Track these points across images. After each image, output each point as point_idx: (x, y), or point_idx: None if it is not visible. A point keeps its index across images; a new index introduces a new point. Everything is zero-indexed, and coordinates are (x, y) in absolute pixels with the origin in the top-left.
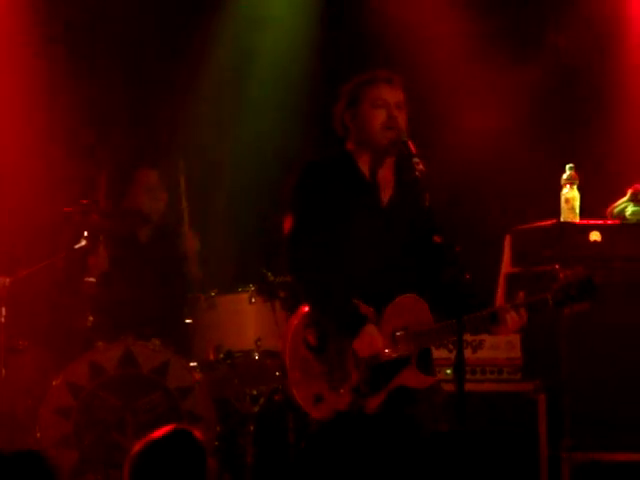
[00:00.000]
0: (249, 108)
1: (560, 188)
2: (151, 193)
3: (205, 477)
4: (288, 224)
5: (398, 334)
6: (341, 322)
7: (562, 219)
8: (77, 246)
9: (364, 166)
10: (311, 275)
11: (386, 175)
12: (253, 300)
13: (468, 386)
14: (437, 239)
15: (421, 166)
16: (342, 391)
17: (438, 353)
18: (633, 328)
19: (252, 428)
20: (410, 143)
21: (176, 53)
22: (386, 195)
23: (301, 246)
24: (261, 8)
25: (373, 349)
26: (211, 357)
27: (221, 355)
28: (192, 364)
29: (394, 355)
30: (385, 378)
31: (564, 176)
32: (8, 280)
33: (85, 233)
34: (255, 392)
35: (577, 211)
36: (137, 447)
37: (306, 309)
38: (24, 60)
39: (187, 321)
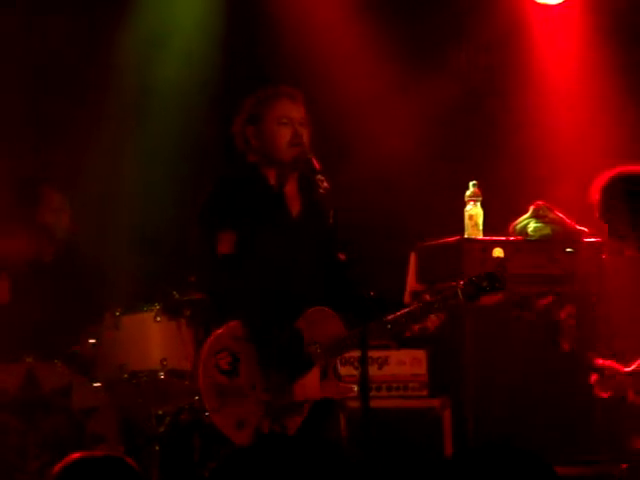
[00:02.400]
0: (155, 126)
1: (464, 205)
2: (54, 213)
3: None
4: (224, 244)
5: (311, 348)
6: (284, 359)
7: (466, 235)
8: None
9: (271, 176)
10: (251, 299)
11: (292, 190)
12: (158, 319)
13: (374, 402)
14: (341, 256)
15: (325, 183)
16: (261, 414)
17: (344, 370)
18: (538, 344)
19: (157, 448)
20: (314, 160)
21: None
22: (295, 209)
23: (239, 264)
24: (160, 27)
25: (316, 391)
26: (116, 377)
27: (125, 375)
28: (96, 385)
29: (308, 369)
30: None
31: (467, 193)
32: None
33: None
34: (160, 412)
35: (480, 227)
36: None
37: (216, 334)
38: None
39: (91, 341)
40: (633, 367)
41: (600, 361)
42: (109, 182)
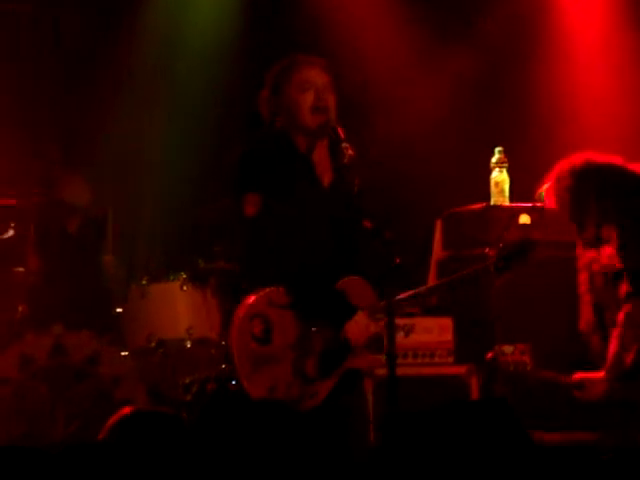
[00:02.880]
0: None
1: (490, 171)
2: (74, 190)
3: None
4: (250, 206)
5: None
6: (329, 309)
7: (492, 202)
8: (5, 236)
9: (300, 146)
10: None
11: (322, 157)
12: (184, 288)
13: (400, 370)
14: (367, 224)
15: (350, 151)
16: (292, 379)
17: None
18: (564, 308)
19: (185, 416)
20: (339, 129)
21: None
22: (326, 177)
23: (267, 227)
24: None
25: (368, 333)
26: (143, 346)
27: (153, 344)
28: (124, 353)
29: (340, 339)
30: (334, 363)
31: (493, 159)
32: None
33: (12, 224)
34: (187, 380)
35: (507, 194)
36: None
37: (250, 300)
38: None
39: (118, 310)
40: (606, 369)
41: (578, 375)
42: (133, 153)
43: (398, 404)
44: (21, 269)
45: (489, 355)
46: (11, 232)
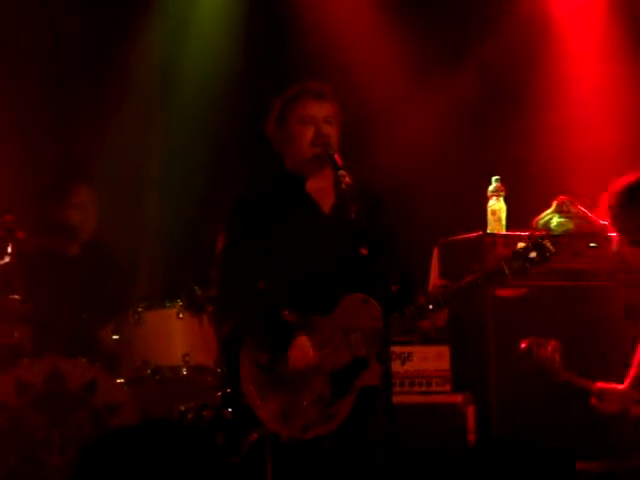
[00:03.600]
0: (177, 122)
1: (486, 200)
2: (81, 209)
3: None
4: (219, 243)
5: (351, 336)
6: (269, 338)
7: (489, 230)
8: (1, 262)
9: (306, 182)
10: (237, 295)
11: (325, 186)
12: (181, 315)
13: (397, 398)
14: (363, 251)
15: (347, 179)
16: (305, 404)
17: None
18: (560, 339)
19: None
20: (336, 156)
21: (102, 68)
22: (327, 204)
23: (231, 264)
24: (185, 23)
25: (307, 361)
26: (139, 373)
27: (149, 371)
28: (119, 381)
29: (350, 358)
30: (347, 382)
31: (490, 188)
32: None
33: (9, 249)
34: (183, 408)
35: (503, 222)
36: None
37: None
38: None
39: (114, 337)
40: (628, 382)
41: (599, 385)
42: (132, 177)
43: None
44: (17, 296)
45: (523, 345)
46: (7, 258)
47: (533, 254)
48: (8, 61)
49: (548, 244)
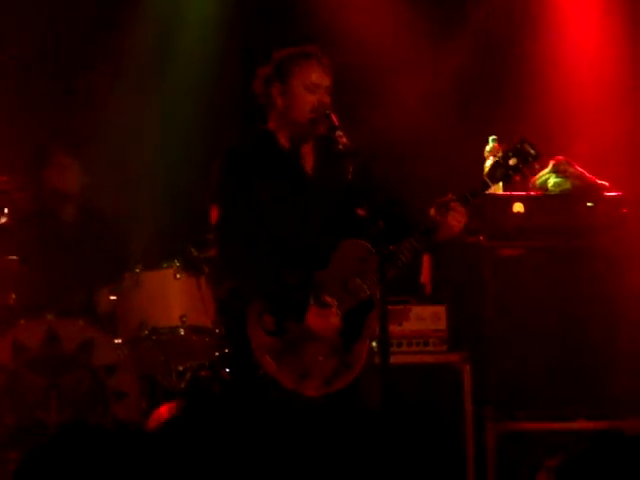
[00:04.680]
0: (171, 91)
1: (483, 160)
2: (59, 170)
3: None
4: (213, 216)
5: (351, 280)
6: (287, 305)
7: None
8: None
9: (284, 139)
10: (244, 267)
11: (307, 146)
12: (178, 276)
13: (394, 358)
14: (360, 212)
15: (344, 139)
16: (321, 358)
17: None
18: (557, 298)
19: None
20: (333, 116)
21: (97, 36)
22: (308, 164)
23: (227, 237)
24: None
25: (331, 325)
26: (136, 334)
27: (146, 332)
28: (117, 341)
29: (355, 302)
30: (357, 327)
31: (487, 148)
32: None
33: (5, 210)
34: (181, 368)
35: (500, 183)
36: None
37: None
38: None
39: (111, 298)
40: None
41: None
42: (128, 141)
43: (393, 392)
44: (14, 257)
45: None
46: (4, 219)
47: (513, 161)
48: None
49: (528, 147)
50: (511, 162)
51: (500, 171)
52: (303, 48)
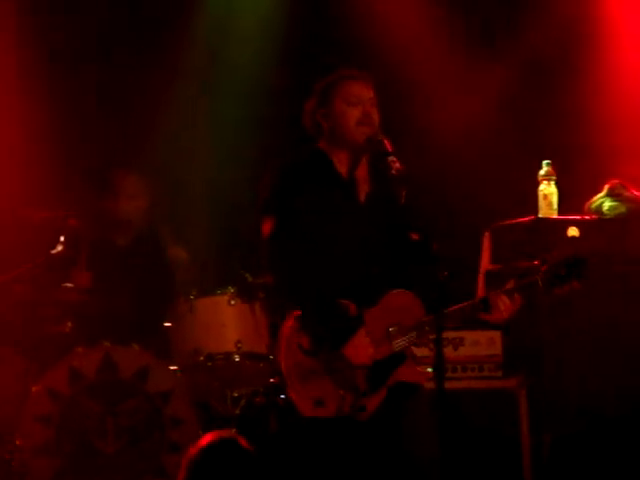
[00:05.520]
0: (223, 109)
1: (538, 184)
2: (129, 198)
3: None
4: (266, 228)
5: (392, 330)
6: (329, 331)
7: (540, 215)
8: (54, 251)
9: (339, 164)
10: (294, 279)
11: (361, 172)
12: (232, 302)
13: (449, 384)
14: (414, 236)
15: (397, 164)
16: (342, 392)
17: (418, 351)
18: (614, 322)
19: (234, 430)
20: (386, 141)
21: (150, 55)
22: (363, 192)
23: (281, 249)
24: (230, 12)
25: (366, 357)
26: (191, 360)
27: (201, 358)
28: (172, 368)
29: (389, 352)
30: (383, 375)
31: (541, 172)
32: None
33: (62, 238)
34: (236, 394)
35: (555, 207)
36: (193, 453)
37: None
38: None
39: (166, 324)
40: None
41: None
42: (182, 166)
43: (448, 418)
44: (70, 285)
45: None
46: (60, 247)
47: (565, 271)
48: (55, 49)
49: (580, 266)
50: (561, 271)
51: (554, 277)
52: (340, 71)
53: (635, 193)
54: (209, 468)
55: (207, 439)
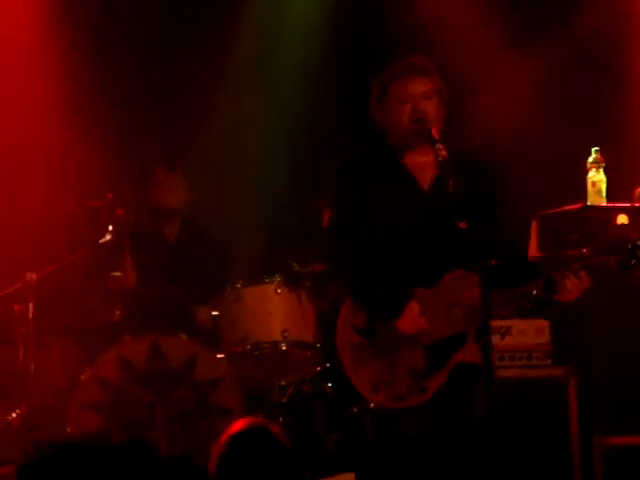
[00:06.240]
0: (274, 99)
1: (586, 171)
2: (175, 191)
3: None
4: (326, 218)
5: (452, 311)
6: (383, 302)
7: (589, 203)
8: (102, 241)
9: (401, 156)
10: (349, 263)
11: (425, 160)
12: (279, 291)
13: (497, 373)
14: (462, 225)
15: (444, 152)
16: (400, 374)
17: None
18: None
19: (281, 419)
20: (433, 130)
21: (199, 52)
22: (426, 180)
23: (340, 236)
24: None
25: (418, 326)
26: (238, 349)
27: (248, 347)
28: (219, 356)
29: (449, 333)
30: (443, 357)
31: (590, 159)
32: (35, 276)
33: (110, 227)
34: (283, 383)
35: (604, 194)
36: (222, 442)
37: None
38: (51, 61)
39: (214, 313)
40: None
41: None
42: (229, 155)
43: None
44: (118, 273)
45: None
46: (109, 237)
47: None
48: (107, 50)
49: None
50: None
51: (629, 259)
52: (398, 65)
53: None
54: (237, 454)
55: (238, 426)
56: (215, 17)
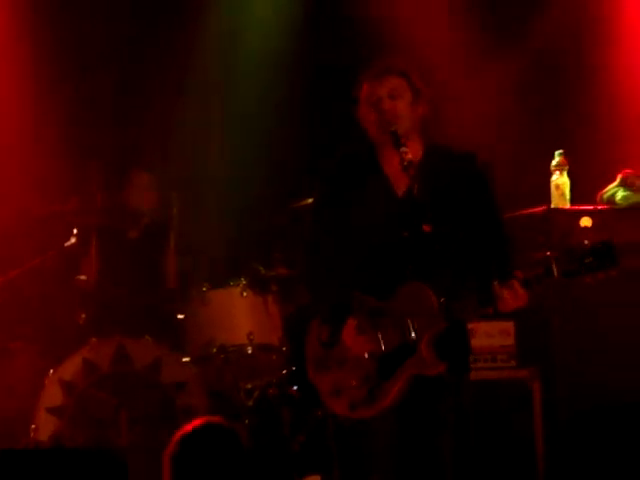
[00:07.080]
0: (237, 103)
1: (550, 174)
2: (142, 194)
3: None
4: (307, 222)
5: (403, 321)
6: (329, 317)
7: (553, 205)
8: (67, 244)
9: (381, 157)
10: (311, 276)
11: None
12: (245, 294)
13: None
14: (426, 228)
15: (409, 155)
16: (354, 383)
17: None
18: (626, 313)
19: (247, 422)
20: (398, 133)
21: (165, 53)
22: (402, 186)
23: (309, 244)
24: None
25: (357, 341)
26: (204, 352)
27: (214, 350)
28: (185, 359)
29: (398, 343)
30: (393, 366)
31: (553, 162)
32: None
33: (75, 231)
34: (249, 386)
35: (567, 197)
36: (175, 441)
37: None
38: (15, 59)
39: (179, 316)
40: None
41: None
42: (195, 156)
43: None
44: (83, 277)
45: None
46: (73, 240)
47: (589, 259)
48: (72, 47)
49: (612, 253)
50: (587, 260)
51: (572, 265)
52: (367, 69)
53: None
54: (191, 451)
55: (193, 424)
56: (179, 26)
